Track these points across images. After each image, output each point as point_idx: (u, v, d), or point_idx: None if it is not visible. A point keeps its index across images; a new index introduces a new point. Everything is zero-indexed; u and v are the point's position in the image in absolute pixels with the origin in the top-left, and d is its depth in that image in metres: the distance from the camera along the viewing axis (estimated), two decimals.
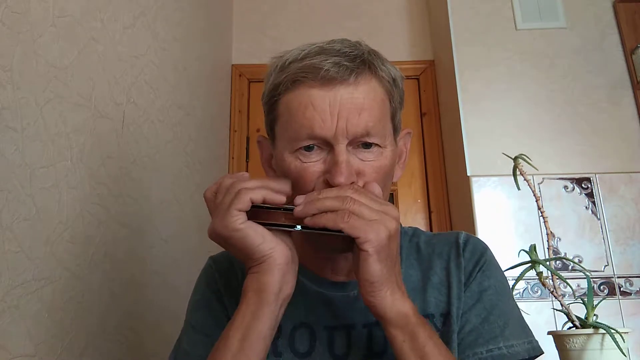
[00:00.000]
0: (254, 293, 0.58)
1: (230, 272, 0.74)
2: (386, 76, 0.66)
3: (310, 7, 2.40)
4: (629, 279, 1.62)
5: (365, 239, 0.54)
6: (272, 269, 0.58)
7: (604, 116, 1.79)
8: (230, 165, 2.15)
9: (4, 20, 0.66)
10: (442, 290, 0.69)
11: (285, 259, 0.59)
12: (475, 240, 0.74)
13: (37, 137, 0.73)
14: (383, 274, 0.56)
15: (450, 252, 0.72)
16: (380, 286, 0.56)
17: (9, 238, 0.66)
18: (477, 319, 0.67)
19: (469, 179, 1.74)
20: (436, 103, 2.24)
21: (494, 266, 0.72)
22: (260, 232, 0.58)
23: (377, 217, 0.56)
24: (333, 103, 0.60)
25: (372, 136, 0.62)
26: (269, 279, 0.58)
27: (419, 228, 0.79)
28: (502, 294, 0.70)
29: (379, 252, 0.55)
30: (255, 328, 0.57)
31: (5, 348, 0.64)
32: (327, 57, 0.62)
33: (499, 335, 0.66)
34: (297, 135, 0.62)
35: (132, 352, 1.04)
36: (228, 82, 2.24)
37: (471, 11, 1.94)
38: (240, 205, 0.57)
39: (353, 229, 0.55)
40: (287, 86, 0.63)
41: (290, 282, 0.60)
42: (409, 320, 0.57)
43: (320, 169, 0.62)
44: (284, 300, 0.60)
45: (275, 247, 0.58)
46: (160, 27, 1.31)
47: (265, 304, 0.58)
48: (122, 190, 1.03)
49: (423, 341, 0.56)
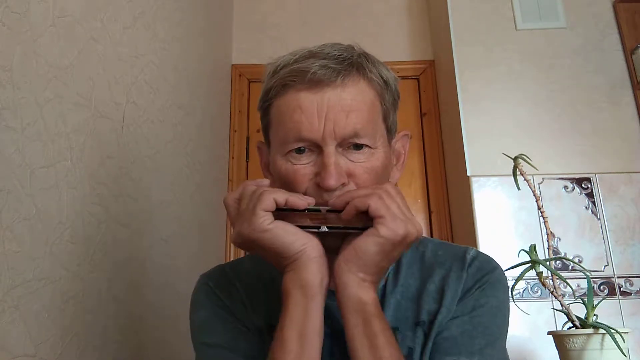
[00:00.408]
0: (298, 290, 0.58)
1: (229, 285, 0.72)
2: (376, 78, 0.66)
3: (310, 7, 2.40)
4: (629, 279, 1.62)
5: (385, 223, 0.56)
6: (309, 263, 0.58)
7: (604, 116, 1.79)
8: (230, 165, 2.15)
9: (4, 20, 0.66)
10: (436, 297, 0.67)
11: (319, 252, 0.59)
12: (485, 258, 0.71)
13: (37, 137, 0.73)
14: (367, 258, 0.57)
15: (454, 264, 0.69)
16: (356, 268, 0.57)
17: (9, 238, 0.66)
18: (458, 330, 0.64)
19: (469, 179, 1.74)
20: (436, 103, 2.24)
21: (497, 288, 0.68)
22: (291, 230, 0.58)
23: (402, 216, 0.57)
24: (320, 105, 0.61)
25: (362, 137, 0.62)
26: (309, 274, 0.58)
27: (427, 237, 0.77)
28: (496, 315, 0.66)
29: (385, 241, 0.56)
30: (309, 324, 0.57)
31: (5, 348, 0.64)
32: (315, 60, 0.62)
33: (476, 353, 0.62)
34: (286, 138, 0.63)
35: (132, 352, 1.04)
36: (228, 82, 2.24)
37: (471, 11, 1.94)
38: (265, 205, 0.57)
39: (378, 209, 0.56)
40: (277, 90, 0.64)
41: (327, 274, 0.60)
42: (367, 308, 0.57)
43: (311, 171, 0.62)
44: (326, 289, 0.59)
45: (308, 242, 0.59)
46: (160, 27, 1.31)
47: (312, 298, 0.57)
48: (122, 190, 1.03)
49: (376, 330, 0.56)
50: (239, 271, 0.73)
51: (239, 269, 0.74)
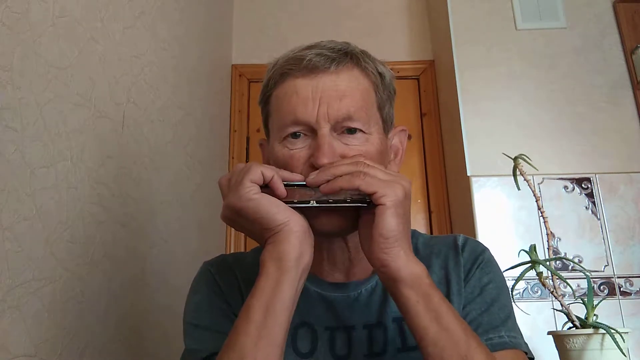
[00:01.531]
0: (273, 262, 0.58)
1: (229, 273, 0.73)
2: (371, 69, 0.68)
3: (310, 7, 2.40)
4: (629, 279, 1.62)
5: (383, 193, 0.56)
6: (290, 236, 0.58)
7: (604, 116, 1.79)
8: (230, 165, 2.15)
9: (4, 20, 0.66)
10: (442, 288, 0.69)
11: (301, 227, 0.59)
12: (474, 241, 0.75)
13: (37, 137, 0.73)
14: (399, 229, 0.56)
15: (449, 252, 0.73)
16: (394, 242, 0.56)
17: (9, 238, 0.66)
18: (477, 310, 0.68)
19: (469, 179, 1.74)
20: (436, 103, 2.24)
21: (493, 265, 0.73)
22: (275, 202, 0.59)
23: (391, 178, 0.58)
24: (315, 90, 0.64)
25: (355, 121, 0.64)
26: (287, 247, 0.58)
27: (417, 230, 0.79)
28: (502, 290, 0.70)
29: (396, 206, 0.56)
30: (277, 298, 0.56)
31: (5, 348, 0.64)
32: (311, 50, 0.66)
33: (500, 325, 0.66)
34: (283, 122, 0.65)
35: (132, 352, 1.04)
36: (228, 82, 2.24)
37: (471, 11, 1.94)
38: (252, 176, 0.58)
39: (370, 185, 0.56)
40: (276, 80, 0.67)
41: (308, 252, 0.60)
42: (423, 281, 0.57)
43: (306, 154, 0.64)
44: (303, 269, 0.59)
45: (291, 216, 0.59)
46: (160, 27, 1.31)
47: (285, 271, 0.57)
48: (122, 190, 1.03)
49: (437, 302, 0.56)
50: (241, 262, 0.75)
51: (241, 260, 0.75)
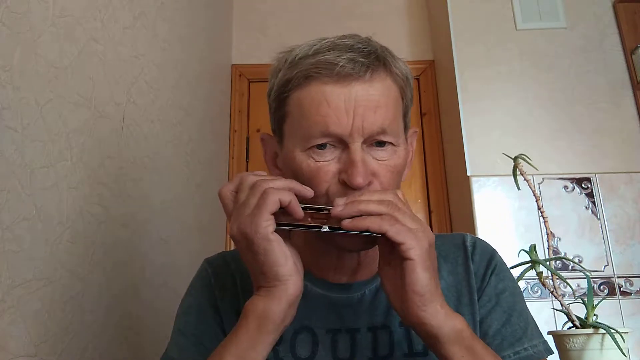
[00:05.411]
0: (255, 319, 0.55)
1: (225, 273, 0.72)
2: (400, 74, 0.64)
3: (310, 7, 2.40)
4: (629, 279, 1.62)
5: (410, 245, 0.53)
6: (283, 297, 0.54)
7: (604, 116, 1.79)
8: (230, 165, 2.15)
9: (4, 20, 0.66)
10: (451, 297, 0.67)
11: (297, 291, 0.55)
12: (483, 243, 0.73)
13: (37, 137, 0.73)
14: (431, 284, 0.53)
15: (458, 255, 0.71)
16: (431, 297, 0.53)
17: (9, 238, 0.66)
18: (499, 322, 0.66)
19: (469, 179, 1.74)
20: (436, 103, 2.24)
21: (505, 268, 0.71)
22: (284, 253, 0.55)
23: (417, 227, 0.54)
24: (348, 100, 0.59)
25: (387, 134, 0.61)
26: (275, 308, 0.54)
27: None
28: (517, 295, 0.69)
29: (424, 259, 0.53)
30: (251, 357, 0.54)
31: (5, 348, 0.64)
32: (341, 53, 0.60)
33: (522, 337, 0.65)
34: (310, 133, 0.59)
35: (132, 352, 1.04)
36: (228, 82, 2.24)
37: (471, 11, 1.94)
38: (271, 207, 0.53)
39: (398, 234, 0.53)
40: (299, 82, 0.61)
41: (292, 314, 0.57)
42: (465, 334, 0.54)
43: (335, 168, 0.60)
44: (282, 329, 0.57)
45: (293, 275, 0.55)
46: (161, 27, 1.31)
47: (265, 333, 0.54)
48: (122, 190, 1.03)
49: (481, 352, 0.54)
50: (241, 263, 0.72)
51: (241, 261, 0.74)
